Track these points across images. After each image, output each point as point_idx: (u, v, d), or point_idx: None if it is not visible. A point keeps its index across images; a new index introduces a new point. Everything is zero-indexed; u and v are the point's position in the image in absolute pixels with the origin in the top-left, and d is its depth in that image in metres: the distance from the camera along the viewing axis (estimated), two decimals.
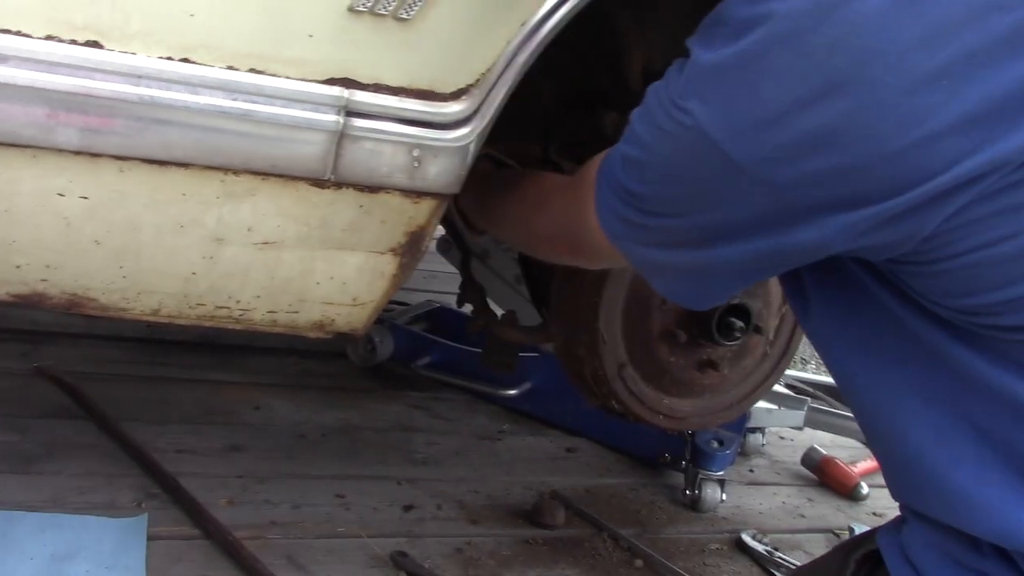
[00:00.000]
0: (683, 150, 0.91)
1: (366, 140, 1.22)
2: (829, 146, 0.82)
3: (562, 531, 2.12)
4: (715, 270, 1.00)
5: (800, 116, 0.82)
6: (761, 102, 0.84)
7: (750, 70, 0.85)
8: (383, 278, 1.37)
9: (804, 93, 0.82)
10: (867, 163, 0.82)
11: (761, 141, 0.84)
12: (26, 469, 1.87)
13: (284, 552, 1.81)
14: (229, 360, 2.59)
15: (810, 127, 0.82)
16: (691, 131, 0.89)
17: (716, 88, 0.88)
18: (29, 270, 1.21)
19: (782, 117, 0.83)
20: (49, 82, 1.07)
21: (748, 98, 0.85)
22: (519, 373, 2.54)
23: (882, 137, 0.81)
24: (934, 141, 0.80)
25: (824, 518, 2.53)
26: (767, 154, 0.85)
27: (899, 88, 0.79)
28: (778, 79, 0.83)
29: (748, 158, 0.85)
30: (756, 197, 0.88)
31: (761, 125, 0.84)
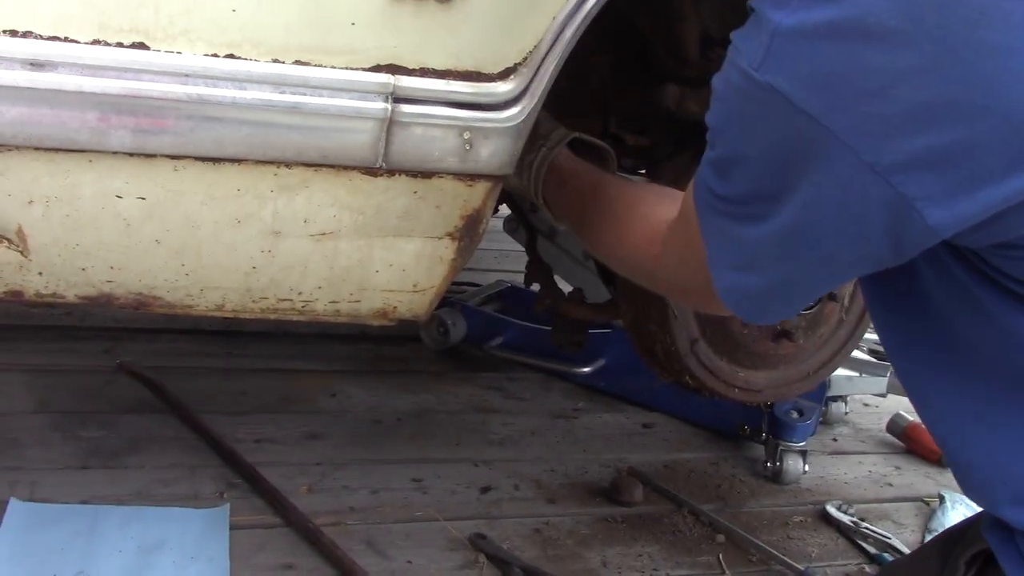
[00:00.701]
0: (774, 131, 0.81)
1: (415, 126, 1.21)
2: (946, 120, 0.74)
3: (641, 508, 2.11)
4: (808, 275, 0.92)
5: (911, 87, 0.74)
6: (865, 72, 0.75)
7: (850, 37, 0.75)
8: (442, 263, 1.37)
9: (914, 62, 0.73)
10: (992, 135, 0.73)
11: (866, 115, 0.75)
12: (112, 464, 1.93)
13: (363, 537, 1.83)
14: (304, 349, 2.63)
15: (923, 99, 0.74)
16: (780, 109, 0.79)
17: (808, 56, 0.77)
18: (94, 272, 1.23)
19: (890, 89, 0.74)
20: (99, 86, 1.08)
21: (849, 67, 0.75)
22: (592, 350, 2.53)
23: (1008, 106, 0.72)
24: None
25: (912, 486, 2.46)
26: (874, 128, 0.76)
27: (1019, 48, 0.71)
28: (883, 46, 0.74)
29: (851, 134, 0.76)
30: (858, 186, 0.78)
31: (865, 97, 0.75)
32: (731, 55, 0.84)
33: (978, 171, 0.75)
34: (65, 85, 1.07)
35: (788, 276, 0.92)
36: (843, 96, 0.76)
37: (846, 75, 0.76)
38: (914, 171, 0.76)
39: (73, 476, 1.86)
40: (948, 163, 0.75)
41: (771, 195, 0.86)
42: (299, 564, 1.72)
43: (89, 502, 1.78)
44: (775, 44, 0.78)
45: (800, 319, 1.80)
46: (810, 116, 0.77)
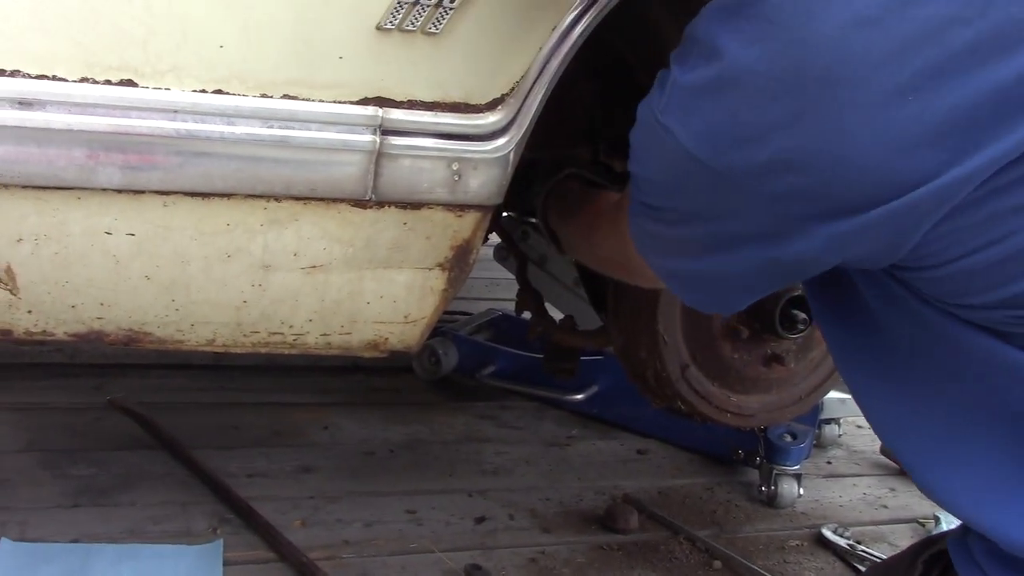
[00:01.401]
0: (673, 166, 0.93)
1: (404, 157, 1.21)
2: (807, 164, 0.83)
3: (637, 535, 2.10)
4: (725, 278, 1.00)
5: (776, 137, 0.84)
6: (739, 124, 0.86)
7: (726, 94, 0.86)
8: (433, 294, 1.37)
9: (778, 116, 0.83)
10: (845, 178, 0.83)
11: (744, 159, 0.86)
12: (103, 501, 1.91)
13: (358, 570, 1.82)
14: (295, 382, 2.62)
15: (788, 146, 0.83)
16: (675, 149, 0.90)
17: (694, 108, 0.89)
18: (84, 309, 1.23)
19: (760, 138, 0.84)
20: (87, 123, 1.08)
21: (726, 120, 0.87)
22: (585, 377, 2.52)
23: (857, 153, 0.81)
24: (908, 154, 0.81)
25: (908, 507, 2.46)
26: (753, 169, 0.86)
27: (869, 105, 0.80)
28: (752, 102, 0.85)
29: (734, 173, 0.87)
30: (750, 207, 0.89)
31: (741, 144, 0.86)
32: (654, 87, 0.96)
33: (840, 203, 0.85)
34: (53, 123, 1.07)
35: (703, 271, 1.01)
36: (725, 144, 0.87)
37: (725, 126, 0.87)
38: (794, 200, 0.86)
39: (64, 515, 1.85)
40: (816, 195, 0.85)
41: (679, 212, 0.98)
42: None
43: (80, 541, 1.76)
44: (674, 95, 0.91)
45: (791, 343, 1.80)
46: (700, 160, 0.89)
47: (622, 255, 1.20)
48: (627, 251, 1.13)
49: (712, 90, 0.87)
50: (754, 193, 0.87)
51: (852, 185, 0.83)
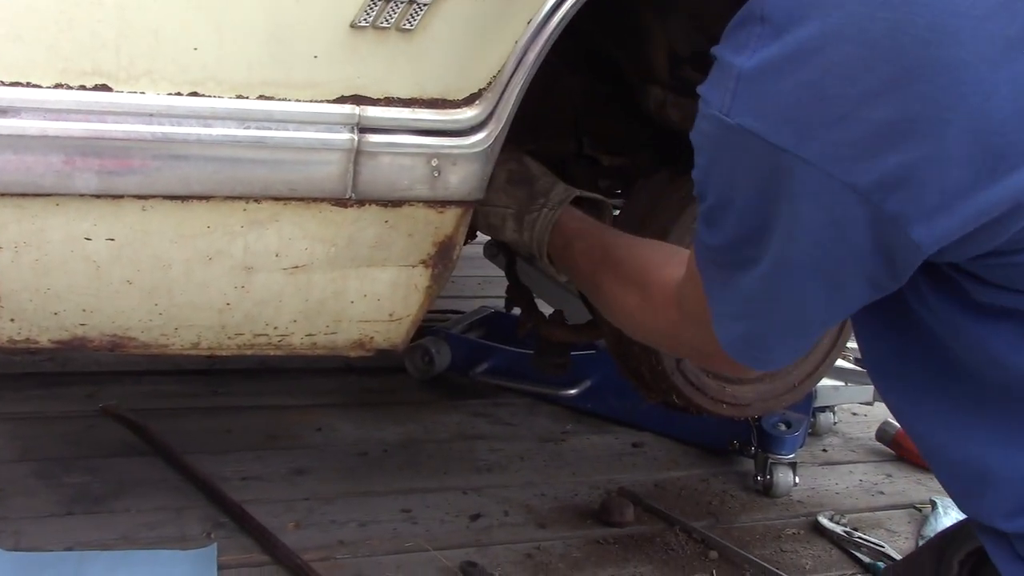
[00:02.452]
0: (753, 169, 0.83)
1: (383, 155, 1.21)
2: (911, 136, 0.75)
3: (633, 528, 2.10)
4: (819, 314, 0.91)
5: (872, 108, 0.75)
6: (825, 100, 0.77)
7: (807, 67, 0.77)
8: (417, 291, 1.37)
9: (873, 83, 0.75)
10: (958, 149, 0.75)
11: (835, 141, 0.77)
12: (97, 509, 1.91)
13: (353, 571, 1.81)
14: (288, 384, 2.62)
15: (886, 118, 0.75)
16: (755, 147, 0.81)
17: (771, 93, 0.79)
18: (67, 316, 1.23)
19: (853, 112, 0.76)
20: (63, 129, 1.08)
21: (810, 98, 0.77)
22: (578, 371, 2.52)
23: (969, 117, 0.74)
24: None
25: (904, 493, 2.46)
26: (844, 153, 0.77)
27: (979, 62, 0.73)
28: (840, 72, 0.76)
29: (824, 160, 0.78)
30: (844, 208, 0.79)
31: (830, 124, 0.77)
32: (701, 107, 0.86)
33: (949, 185, 0.76)
34: (28, 130, 1.07)
35: (787, 316, 0.92)
36: (810, 125, 0.78)
37: (809, 105, 0.78)
38: (890, 189, 0.77)
39: (58, 523, 1.84)
40: (919, 179, 0.76)
41: (757, 235, 0.86)
42: None
43: (75, 548, 1.76)
44: (740, 87, 0.81)
45: None
46: (783, 150, 0.79)
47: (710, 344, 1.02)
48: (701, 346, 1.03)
49: (789, 67, 0.78)
50: (847, 188, 0.78)
51: (965, 159, 0.75)
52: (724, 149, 0.85)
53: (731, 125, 0.81)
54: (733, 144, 0.83)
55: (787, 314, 0.92)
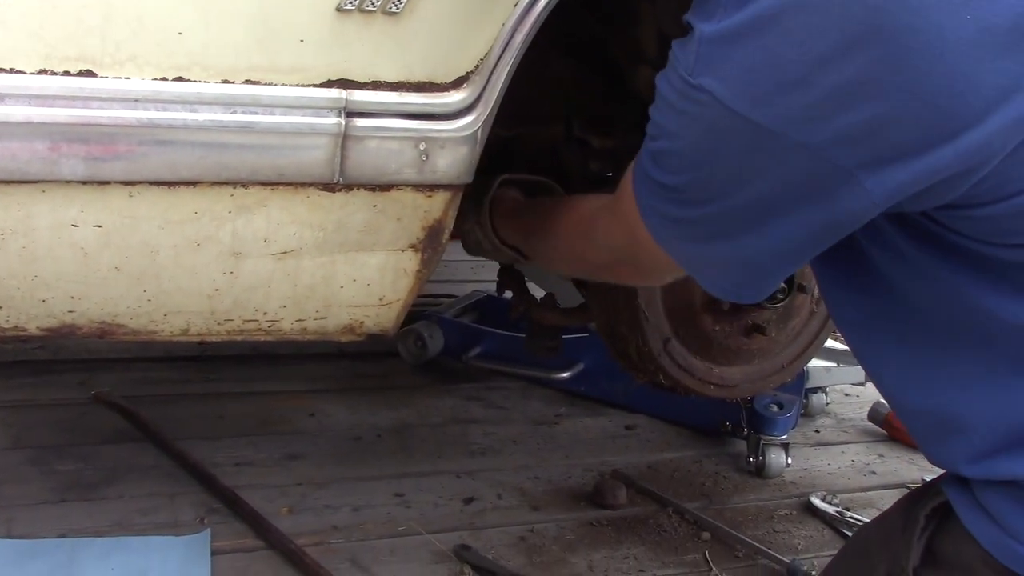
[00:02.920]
0: (709, 128, 0.88)
1: (370, 139, 1.20)
2: (861, 99, 0.78)
3: (626, 510, 2.11)
4: (766, 254, 0.95)
5: (825, 73, 0.79)
6: (781, 65, 0.81)
7: (765, 34, 0.81)
8: (407, 275, 1.36)
9: (825, 49, 0.79)
10: (906, 111, 0.78)
11: (788, 104, 0.81)
12: (90, 496, 1.91)
13: (347, 555, 1.82)
14: (281, 370, 2.62)
15: (838, 82, 0.79)
16: (712, 107, 0.85)
17: (730, 58, 0.84)
18: (55, 303, 1.22)
19: (806, 77, 0.80)
20: (48, 116, 1.07)
21: (767, 63, 0.82)
22: (571, 355, 2.53)
23: (916, 80, 0.77)
24: (975, 75, 0.77)
25: (896, 473, 2.47)
26: (797, 115, 0.81)
27: (928, 27, 0.76)
28: (795, 39, 0.80)
29: (777, 122, 0.82)
30: (795, 163, 0.84)
31: (785, 88, 0.81)
32: (671, 60, 0.92)
33: (900, 144, 0.80)
34: (13, 116, 1.06)
35: (742, 251, 0.95)
36: (766, 91, 0.82)
37: (765, 70, 0.82)
38: (844, 145, 0.81)
39: (51, 510, 1.84)
40: (872, 137, 0.80)
41: (715, 184, 0.91)
42: None
43: (68, 535, 1.76)
44: (703, 49, 0.86)
45: (771, 313, 1.80)
46: (738, 113, 0.84)
47: (628, 252, 1.12)
48: (635, 247, 1.07)
49: (747, 34, 0.82)
50: (801, 143, 0.82)
51: (915, 120, 0.78)
52: (685, 103, 0.89)
53: (693, 84, 0.86)
54: (694, 100, 0.87)
55: (728, 249, 0.96)
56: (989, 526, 0.94)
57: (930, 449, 1.03)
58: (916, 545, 1.01)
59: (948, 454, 0.99)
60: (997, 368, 0.93)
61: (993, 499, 0.94)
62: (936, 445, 1.01)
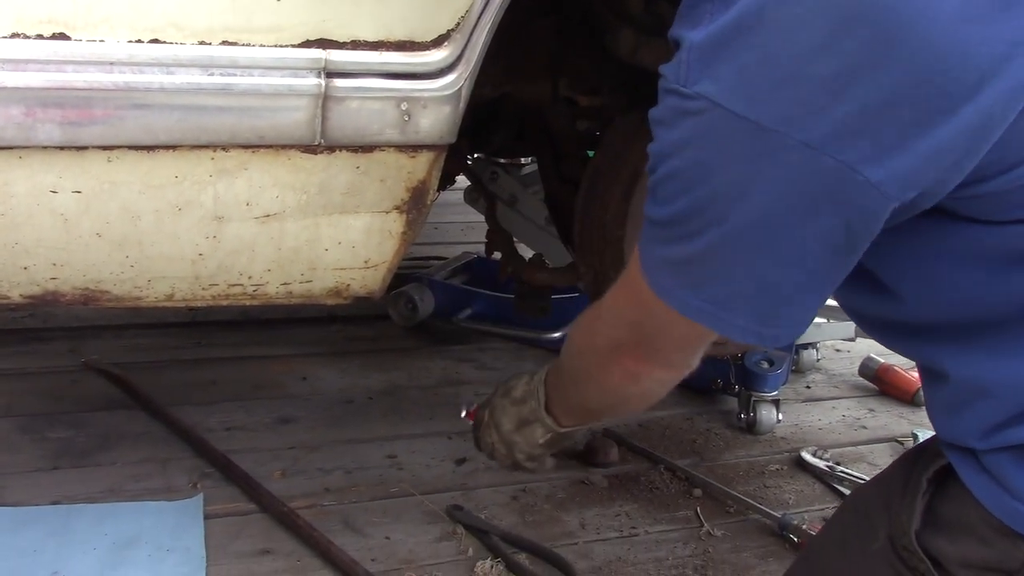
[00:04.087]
0: (707, 136, 0.85)
1: (351, 100, 1.19)
2: (855, 85, 0.77)
3: (617, 468, 2.12)
4: (784, 282, 0.89)
5: (815, 63, 0.78)
6: (772, 60, 0.80)
7: (752, 31, 0.80)
8: (392, 237, 1.36)
9: (812, 39, 0.78)
10: (900, 92, 0.77)
11: (784, 100, 0.80)
12: (82, 463, 1.92)
13: (340, 518, 1.83)
14: (272, 334, 2.62)
15: (829, 71, 0.78)
16: (709, 113, 0.83)
17: (722, 59, 0.82)
18: (37, 270, 1.22)
19: (798, 69, 0.79)
20: (21, 80, 1.06)
21: (758, 60, 0.80)
22: (562, 314, 2.52)
23: (906, 60, 0.76)
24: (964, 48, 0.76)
25: (886, 427, 2.49)
26: (794, 111, 0.79)
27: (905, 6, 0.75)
28: (782, 33, 0.79)
29: (776, 120, 0.80)
30: (798, 165, 0.81)
31: (779, 83, 0.80)
32: (661, 85, 0.89)
33: (900, 129, 0.78)
34: None
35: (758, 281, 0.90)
36: (760, 88, 0.81)
37: (756, 68, 0.81)
38: (846, 138, 0.79)
39: (43, 478, 1.85)
40: (871, 125, 0.78)
41: (718, 203, 0.87)
42: (276, 548, 1.72)
43: (61, 502, 1.77)
44: (693, 57, 0.84)
45: None
46: (736, 114, 0.81)
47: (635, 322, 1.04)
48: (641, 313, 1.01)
49: (735, 34, 0.81)
50: (800, 146, 0.79)
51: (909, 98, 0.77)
52: (682, 119, 0.86)
53: (688, 94, 0.84)
54: (689, 112, 0.85)
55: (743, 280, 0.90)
56: (994, 489, 0.94)
57: (944, 420, 1.00)
58: (918, 508, 1.01)
59: (962, 425, 0.97)
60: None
61: (998, 462, 0.94)
62: (953, 416, 0.98)
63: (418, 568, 1.71)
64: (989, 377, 0.94)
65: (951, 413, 0.99)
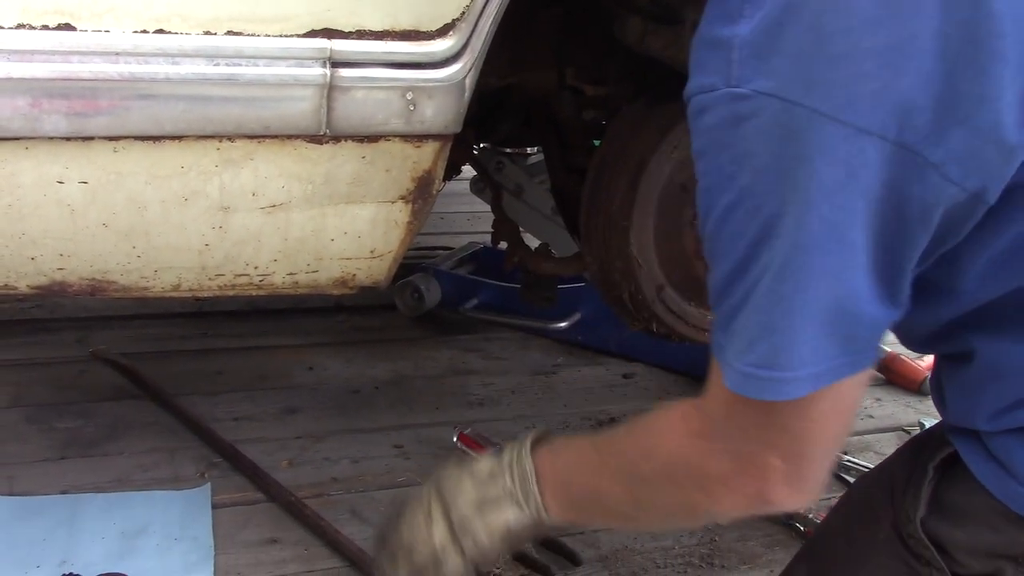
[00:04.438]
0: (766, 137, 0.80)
1: (356, 89, 1.19)
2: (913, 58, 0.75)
3: None
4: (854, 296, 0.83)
5: (871, 36, 0.76)
6: (825, 40, 0.77)
7: (803, 12, 0.78)
8: (398, 227, 1.36)
9: (867, 10, 0.76)
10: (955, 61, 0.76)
11: (842, 81, 0.77)
12: (90, 452, 1.92)
13: (347, 507, 1.83)
14: (279, 324, 2.62)
15: (884, 44, 0.76)
16: (766, 109, 0.79)
17: (775, 49, 0.79)
18: (44, 261, 1.22)
19: (853, 46, 0.77)
20: (28, 71, 1.06)
21: (813, 42, 0.77)
22: (568, 304, 2.53)
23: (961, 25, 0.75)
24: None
25: (893, 416, 2.48)
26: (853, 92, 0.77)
27: None
28: (834, 9, 0.77)
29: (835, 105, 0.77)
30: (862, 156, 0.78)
31: (834, 63, 0.77)
32: (698, 105, 0.84)
33: (960, 100, 0.76)
34: None
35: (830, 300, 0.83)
36: (817, 70, 0.77)
37: (812, 49, 0.77)
38: (902, 116, 0.77)
39: (51, 467, 1.85)
40: (930, 101, 0.76)
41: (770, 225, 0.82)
42: (284, 538, 1.72)
43: (69, 492, 1.77)
44: (743, 54, 0.80)
45: None
46: (795, 103, 0.78)
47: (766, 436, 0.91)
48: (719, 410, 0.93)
49: (786, 17, 0.78)
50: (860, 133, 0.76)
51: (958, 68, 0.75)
52: (732, 129, 0.82)
53: (741, 94, 0.80)
54: (743, 116, 0.80)
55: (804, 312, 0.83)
56: (1000, 474, 0.93)
57: (957, 402, 0.99)
58: (923, 495, 1.00)
59: (974, 407, 0.95)
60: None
61: (1005, 445, 0.94)
62: (967, 398, 0.97)
63: None
64: (1007, 361, 0.93)
65: (966, 395, 0.98)
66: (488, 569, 1.14)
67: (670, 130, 1.68)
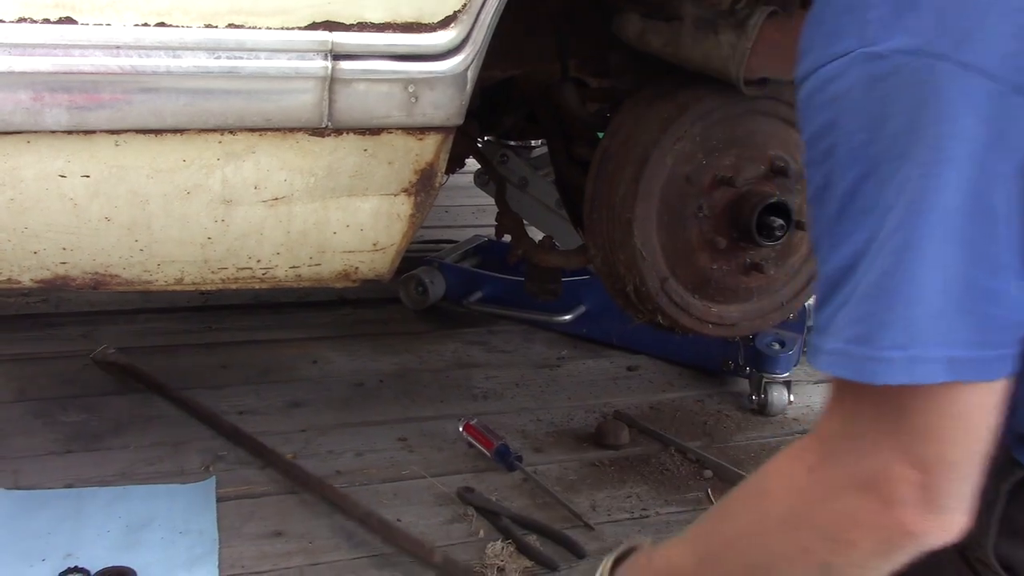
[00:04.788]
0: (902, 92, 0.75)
1: (358, 82, 1.19)
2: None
3: (628, 450, 2.11)
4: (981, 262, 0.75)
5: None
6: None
7: None
8: (400, 220, 1.36)
9: None
10: None
11: (990, 33, 0.73)
12: (95, 446, 1.93)
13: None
14: (283, 318, 2.62)
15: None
16: (906, 66, 0.75)
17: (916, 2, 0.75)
18: (46, 255, 1.22)
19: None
20: (29, 65, 1.06)
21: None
22: (572, 297, 2.53)
23: None
24: None
25: None
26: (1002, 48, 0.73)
27: None
28: None
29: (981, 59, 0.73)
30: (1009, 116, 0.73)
31: (986, 13, 0.73)
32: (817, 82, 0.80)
33: None
34: None
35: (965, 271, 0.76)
36: (964, 22, 0.74)
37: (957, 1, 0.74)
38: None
39: (57, 461, 1.86)
40: None
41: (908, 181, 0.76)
42: (288, 530, 1.72)
43: (74, 485, 1.78)
44: (880, 12, 0.76)
45: (770, 251, 1.79)
46: (939, 56, 0.73)
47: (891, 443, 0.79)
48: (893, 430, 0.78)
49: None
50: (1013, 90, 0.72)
51: None
52: (867, 93, 0.77)
53: (877, 53, 0.75)
54: (879, 77, 0.76)
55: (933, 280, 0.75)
56: None
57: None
58: (994, 519, 0.94)
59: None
60: None
61: None
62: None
63: None
64: None
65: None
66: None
67: (673, 122, 1.67)
